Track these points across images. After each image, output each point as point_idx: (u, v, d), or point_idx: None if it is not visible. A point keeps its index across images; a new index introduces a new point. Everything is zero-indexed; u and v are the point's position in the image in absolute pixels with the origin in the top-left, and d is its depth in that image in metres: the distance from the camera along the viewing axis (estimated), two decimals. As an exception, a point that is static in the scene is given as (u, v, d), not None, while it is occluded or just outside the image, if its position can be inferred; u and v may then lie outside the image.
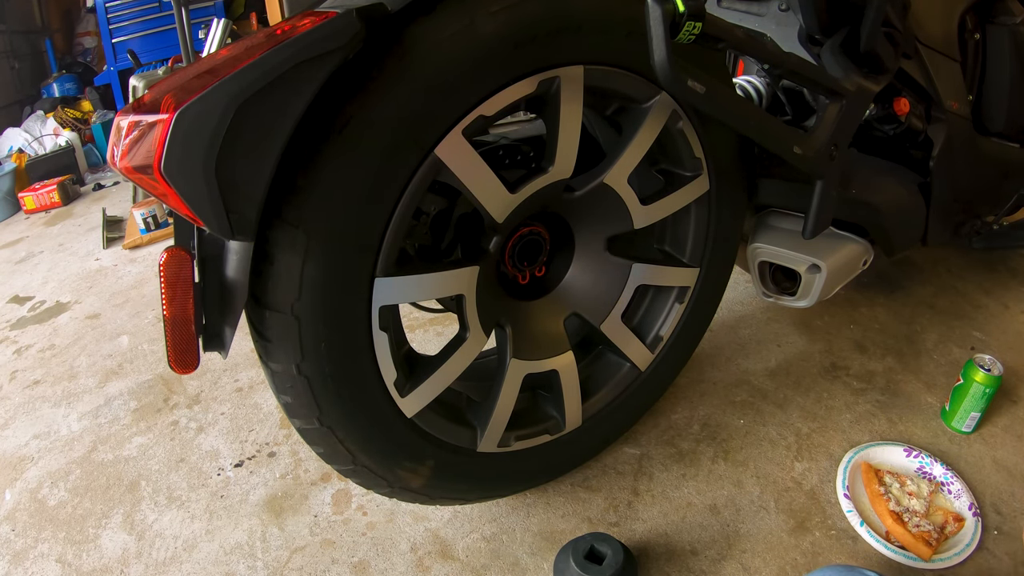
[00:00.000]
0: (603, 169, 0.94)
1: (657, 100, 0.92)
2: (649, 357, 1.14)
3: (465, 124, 0.78)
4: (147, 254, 2.46)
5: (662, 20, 0.75)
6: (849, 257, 1.18)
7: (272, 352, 0.79)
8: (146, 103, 0.63)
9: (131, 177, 0.64)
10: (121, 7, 4.05)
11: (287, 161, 0.67)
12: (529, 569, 1.04)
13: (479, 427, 0.99)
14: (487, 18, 0.75)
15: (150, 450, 1.39)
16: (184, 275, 0.72)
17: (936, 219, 1.26)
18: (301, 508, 1.19)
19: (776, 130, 0.95)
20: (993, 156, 1.31)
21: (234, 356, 1.66)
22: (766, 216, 1.21)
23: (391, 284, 0.81)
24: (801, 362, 1.44)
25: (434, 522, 1.13)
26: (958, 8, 1.22)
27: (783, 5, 1.13)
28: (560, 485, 1.18)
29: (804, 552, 1.02)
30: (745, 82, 1.18)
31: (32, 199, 3.20)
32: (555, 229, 1.03)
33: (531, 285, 1.05)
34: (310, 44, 0.63)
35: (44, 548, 1.18)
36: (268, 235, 0.73)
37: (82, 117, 4.08)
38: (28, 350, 1.89)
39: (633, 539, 1.07)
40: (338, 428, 0.85)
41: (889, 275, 1.73)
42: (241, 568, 1.09)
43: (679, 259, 1.11)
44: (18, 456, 1.44)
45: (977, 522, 1.03)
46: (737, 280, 1.73)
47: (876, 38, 1.02)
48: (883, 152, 1.26)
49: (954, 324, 1.52)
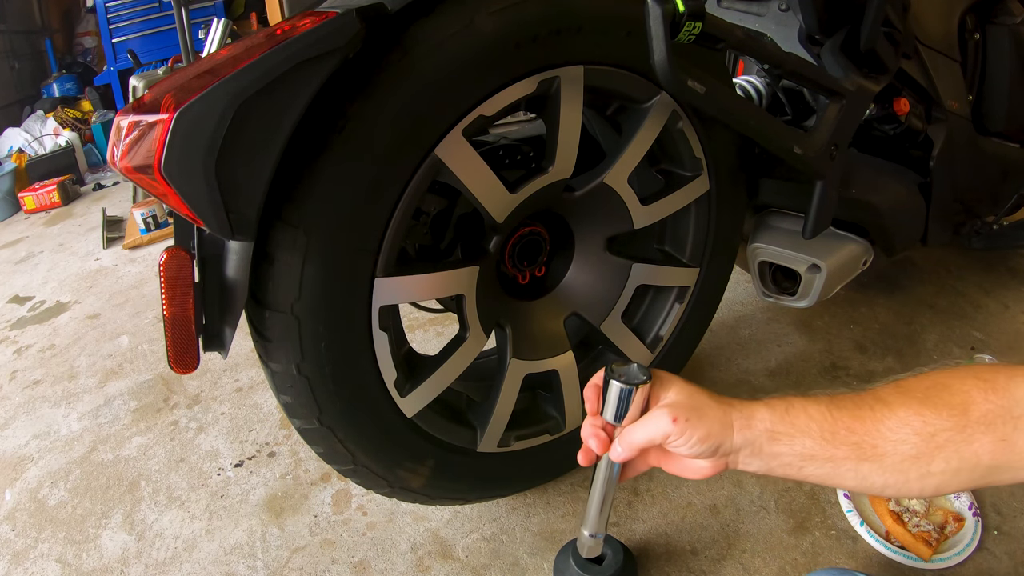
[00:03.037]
0: (603, 169, 0.94)
1: (657, 100, 0.92)
2: (649, 357, 1.14)
3: (465, 124, 0.78)
4: (147, 254, 2.46)
5: (662, 20, 0.75)
6: (849, 257, 1.18)
7: (272, 352, 0.79)
8: (146, 103, 0.63)
9: (131, 177, 0.64)
10: (121, 7, 4.06)
11: (287, 161, 0.67)
12: (529, 569, 1.04)
13: (479, 427, 0.99)
14: (487, 18, 0.75)
15: (150, 450, 1.39)
16: (184, 275, 0.72)
17: (936, 219, 1.26)
18: (301, 508, 1.19)
19: (776, 130, 0.95)
20: (993, 156, 1.31)
21: (234, 356, 1.66)
22: (766, 216, 1.21)
23: (391, 284, 0.81)
24: (801, 362, 1.44)
25: (434, 522, 1.13)
26: (958, 8, 1.22)
27: (783, 5, 1.13)
28: (560, 485, 1.18)
29: (804, 552, 1.02)
30: (745, 82, 1.18)
31: (32, 199, 3.20)
32: (555, 229, 1.03)
33: (531, 285, 1.05)
34: (310, 44, 0.63)
35: (44, 548, 1.18)
36: (268, 235, 0.73)
37: (82, 117, 4.08)
38: (28, 350, 1.89)
39: (633, 539, 1.07)
40: (338, 428, 0.85)
41: (889, 275, 1.72)
42: (241, 568, 1.09)
43: (679, 259, 1.11)
44: (18, 456, 1.44)
45: (977, 522, 1.03)
46: (737, 280, 1.73)
47: (876, 38, 1.02)
48: (883, 152, 1.26)
49: (954, 324, 1.52)
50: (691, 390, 0.67)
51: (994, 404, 0.55)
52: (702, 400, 0.65)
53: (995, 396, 0.55)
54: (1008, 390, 0.55)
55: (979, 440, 0.55)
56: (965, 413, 0.56)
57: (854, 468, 0.60)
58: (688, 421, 0.63)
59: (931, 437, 0.56)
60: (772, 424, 0.63)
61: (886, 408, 0.59)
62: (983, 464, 0.56)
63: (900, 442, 0.58)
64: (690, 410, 0.64)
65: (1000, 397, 0.55)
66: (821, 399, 0.63)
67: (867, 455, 0.59)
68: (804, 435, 0.61)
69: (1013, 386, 0.55)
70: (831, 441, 0.60)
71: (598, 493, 0.84)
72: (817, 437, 0.61)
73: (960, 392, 0.57)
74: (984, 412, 0.55)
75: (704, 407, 0.65)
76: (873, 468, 0.59)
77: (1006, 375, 0.56)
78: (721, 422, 0.64)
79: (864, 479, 0.60)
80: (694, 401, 0.65)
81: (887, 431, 0.58)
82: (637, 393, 0.67)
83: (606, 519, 0.89)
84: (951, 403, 0.56)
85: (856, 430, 0.59)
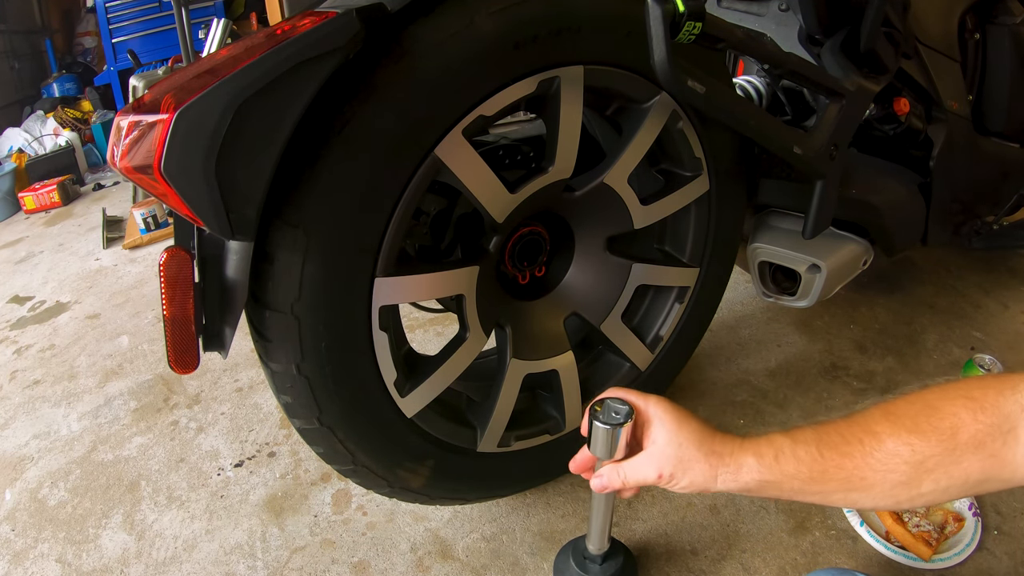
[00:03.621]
0: (603, 169, 0.94)
1: (657, 100, 0.92)
2: (649, 357, 1.14)
3: (465, 124, 0.78)
4: (147, 254, 2.46)
5: (662, 20, 0.75)
6: (849, 257, 1.18)
7: (272, 352, 0.79)
8: (146, 103, 0.63)
9: (131, 177, 0.64)
10: (121, 7, 4.06)
11: (287, 161, 0.67)
12: (529, 569, 1.04)
13: (479, 427, 0.99)
14: (487, 18, 0.75)
15: (150, 450, 1.39)
16: (184, 275, 0.72)
17: (936, 219, 1.26)
18: (301, 508, 1.19)
19: (776, 130, 0.95)
20: (993, 156, 1.31)
21: (234, 356, 1.66)
22: (766, 216, 1.21)
23: (391, 284, 0.81)
24: (801, 362, 1.44)
25: (434, 522, 1.13)
26: (958, 8, 1.22)
27: (783, 5, 1.13)
28: (560, 485, 1.18)
29: (804, 552, 1.02)
30: (745, 82, 1.18)
31: (32, 199, 3.20)
32: (555, 229, 1.03)
33: (531, 285, 1.05)
34: (310, 44, 0.63)
35: (44, 548, 1.18)
36: (268, 235, 0.73)
37: (82, 117, 4.08)
38: (28, 350, 1.89)
39: (633, 539, 1.07)
40: (338, 428, 0.85)
41: (889, 275, 1.73)
42: (241, 568, 1.09)
43: (679, 259, 1.11)
44: (18, 456, 1.44)
45: (977, 522, 1.03)
46: (737, 280, 1.73)
47: (876, 38, 1.02)
48: (883, 152, 1.26)
49: (954, 324, 1.52)
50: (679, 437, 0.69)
51: (983, 424, 0.55)
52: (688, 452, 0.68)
53: (984, 416, 0.55)
54: (997, 407, 0.55)
55: (968, 460, 0.55)
56: (954, 437, 0.56)
57: (843, 497, 0.62)
58: (672, 477, 0.68)
59: (920, 464, 0.57)
60: (760, 474, 0.65)
61: (875, 440, 0.60)
62: (972, 480, 0.56)
63: (889, 471, 0.58)
64: (675, 464, 0.68)
65: (989, 416, 0.55)
66: (809, 437, 0.64)
67: (856, 487, 0.60)
68: (793, 479, 0.63)
69: (1002, 402, 0.54)
70: (820, 480, 0.62)
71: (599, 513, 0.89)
72: (806, 479, 0.63)
73: (949, 415, 0.56)
74: (973, 433, 0.55)
75: (690, 461, 0.67)
76: (862, 496, 0.61)
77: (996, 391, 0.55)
78: (705, 476, 0.67)
79: (853, 503, 0.63)
80: (681, 453, 0.68)
81: (876, 463, 0.59)
82: (620, 433, 0.73)
83: (608, 534, 0.93)
84: (940, 428, 0.56)
85: (845, 466, 0.61)
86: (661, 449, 0.69)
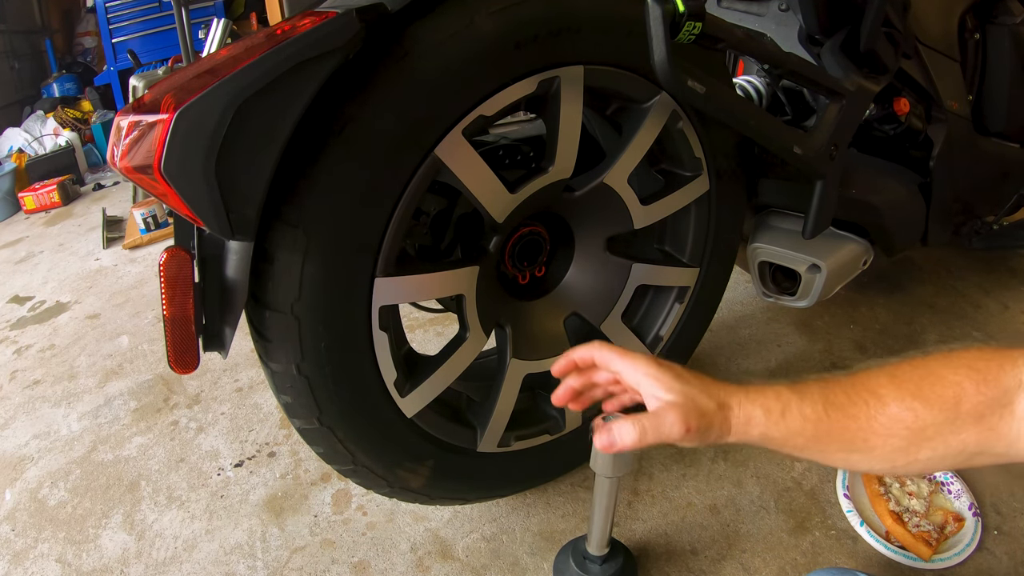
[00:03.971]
0: (603, 169, 0.94)
1: (657, 100, 0.92)
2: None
3: (465, 124, 0.78)
4: (147, 254, 2.46)
5: (662, 20, 0.75)
6: (849, 257, 1.18)
7: (272, 352, 0.79)
8: (146, 103, 0.63)
9: (131, 177, 0.64)
10: (121, 7, 4.05)
11: (287, 161, 0.67)
12: (529, 569, 1.04)
13: (479, 427, 0.99)
14: (487, 18, 0.75)
15: (150, 450, 1.39)
16: (184, 275, 0.72)
17: (936, 219, 1.26)
18: (301, 508, 1.19)
19: (776, 130, 0.95)
20: (993, 156, 1.31)
21: (234, 356, 1.66)
22: (766, 216, 1.21)
23: (391, 284, 0.81)
24: (801, 362, 1.44)
25: (434, 522, 1.13)
26: (958, 8, 1.22)
27: (783, 5, 1.13)
28: (560, 485, 1.18)
29: (804, 552, 1.02)
30: (745, 82, 1.18)
31: (32, 199, 3.20)
32: (555, 229, 1.03)
33: (531, 285, 1.05)
34: (310, 44, 0.63)
35: (44, 548, 1.18)
36: (268, 235, 0.73)
37: (82, 117, 4.08)
38: (28, 350, 1.89)
39: (633, 539, 1.07)
40: (338, 428, 0.85)
41: (889, 275, 1.72)
42: (241, 568, 1.09)
43: (679, 259, 1.11)
44: (18, 456, 1.44)
45: (977, 522, 1.03)
46: (737, 280, 1.73)
47: (876, 38, 1.02)
48: (883, 152, 1.26)
49: (954, 324, 1.52)
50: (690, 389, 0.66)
51: (985, 396, 0.55)
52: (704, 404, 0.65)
53: (986, 388, 0.55)
54: (998, 380, 0.55)
55: (967, 431, 0.56)
56: (956, 406, 0.56)
57: (844, 458, 0.63)
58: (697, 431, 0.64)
59: (921, 431, 0.57)
60: (767, 429, 0.64)
61: (879, 403, 0.60)
62: (967, 452, 0.56)
63: (890, 436, 0.59)
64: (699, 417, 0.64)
65: (991, 388, 0.55)
66: (816, 395, 0.63)
67: (858, 448, 0.60)
68: (798, 436, 0.63)
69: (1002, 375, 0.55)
70: (824, 440, 0.62)
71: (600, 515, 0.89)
72: (811, 437, 0.62)
73: (953, 384, 0.57)
74: (975, 404, 0.55)
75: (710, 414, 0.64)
76: (862, 457, 0.61)
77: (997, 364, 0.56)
78: (721, 428, 0.65)
79: (851, 464, 0.63)
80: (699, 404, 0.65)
81: (879, 427, 0.59)
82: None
83: (608, 536, 0.93)
84: (943, 396, 0.57)
85: (849, 428, 0.61)
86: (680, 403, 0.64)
